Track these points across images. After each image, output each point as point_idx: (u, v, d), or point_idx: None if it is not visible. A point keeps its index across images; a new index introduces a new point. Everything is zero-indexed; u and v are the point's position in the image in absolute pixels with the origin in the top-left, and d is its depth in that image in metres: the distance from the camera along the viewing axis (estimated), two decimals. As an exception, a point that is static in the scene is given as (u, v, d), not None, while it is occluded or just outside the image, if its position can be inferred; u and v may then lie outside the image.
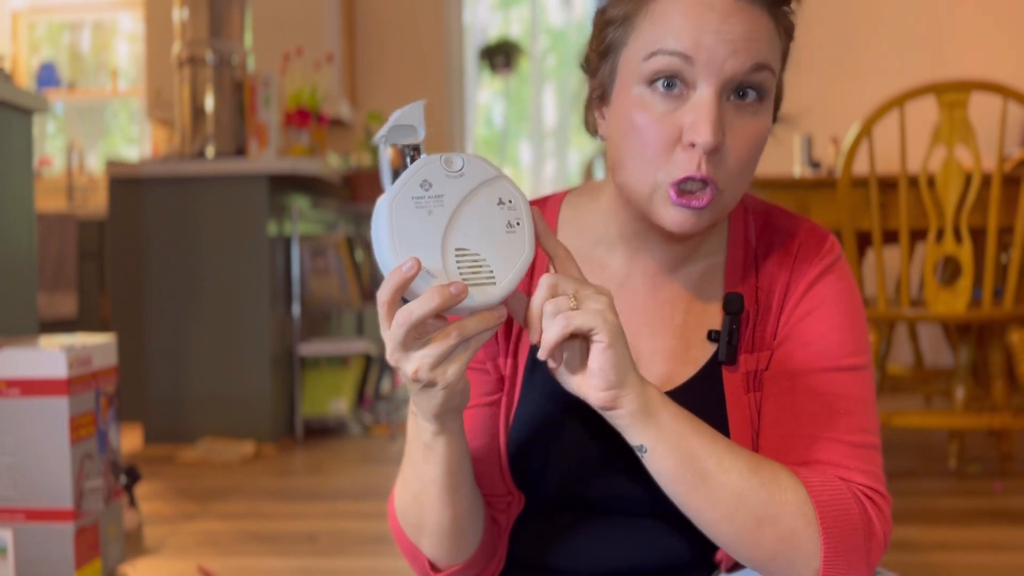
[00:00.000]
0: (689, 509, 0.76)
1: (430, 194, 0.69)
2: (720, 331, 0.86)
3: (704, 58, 0.75)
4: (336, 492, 2.72)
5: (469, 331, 0.68)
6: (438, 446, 0.77)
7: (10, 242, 2.32)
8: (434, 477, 0.80)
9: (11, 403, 1.77)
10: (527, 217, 0.71)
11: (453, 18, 5.29)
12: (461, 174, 0.71)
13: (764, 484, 0.75)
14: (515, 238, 0.71)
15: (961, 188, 2.33)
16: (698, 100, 0.76)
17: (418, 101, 0.73)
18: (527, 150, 5.73)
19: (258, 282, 3.38)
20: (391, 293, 0.67)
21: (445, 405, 0.73)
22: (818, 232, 0.89)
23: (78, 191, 5.08)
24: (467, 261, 0.69)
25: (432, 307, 0.66)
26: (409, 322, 0.66)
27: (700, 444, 0.74)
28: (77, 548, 1.79)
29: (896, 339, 4.60)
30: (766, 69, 0.77)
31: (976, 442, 3.17)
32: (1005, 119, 2.33)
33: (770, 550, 0.75)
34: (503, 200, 0.71)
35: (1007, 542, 2.13)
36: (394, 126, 0.73)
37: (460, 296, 0.66)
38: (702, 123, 0.75)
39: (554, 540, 0.89)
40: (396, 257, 0.68)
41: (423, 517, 0.83)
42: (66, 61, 5.59)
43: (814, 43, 4.83)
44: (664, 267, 0.89)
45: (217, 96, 3.46)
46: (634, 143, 0.79)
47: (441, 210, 0.69)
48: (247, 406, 3.36)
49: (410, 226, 0.69)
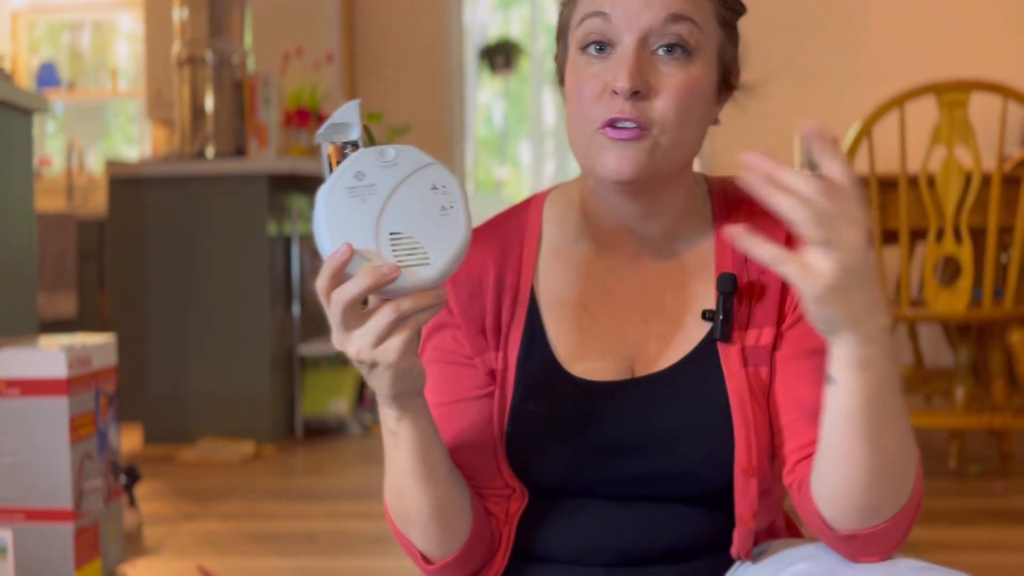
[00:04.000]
0: (867, 446, 0.75)
1: (363, 184, 0.74)
2: (714, 310, 0.88)
3: (620, 13, 0.81)
4: (336, 492, 2.72)
5: (405, 309, 0.71)
6: (403, 431, 0.80)
7: (10, 242, 2.32)
8: (406, 464, 0.82)
9: (11, 403, 1.77)
10: (461, 201, 0.74)
11: (453, 18, 5.29)
12: (394, 163, 0.74)
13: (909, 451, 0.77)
14: (449, 221, 0.74)
15: (961, 188, 2.33)
16: (619, 52, 0.82)
17: (354, 100, 0.78)
18: (527, 150, 5.73)
19: (258, 282, 3.38)
20: (327, 279, 0.71)
21: (395, 386, 0.75)
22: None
23: (78, 191, 5.08)
24: (402, 244, 0.73)
25: (364, 286, 0.70)
26: (343, 301, 0.70)
27: (895, 378, 0.75)
28: (77, 548, 1.79)
29: (896, 339, 4.60)
30: (684, 20, 0.81)
31: (976, 442, 3.17)
32: (1005, 119, 2.33)
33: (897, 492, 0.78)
34: (436, 185, 0.74)
35: (1007, 542, 2.13)
36: (331, 124, 0.77)
37: (392, 275, 0.70)
38: (620, 69, 0.80)
39: (558, 529, 0.90)
40: (331, 244, 0.72)
41: (406, 508, 0.85)
42: (66, 61, 5.59)
43: (814, 43, 4.83)
44: (646, 251, 0.91)
45: (217, 96, 3.46)
46: (573, 103, 0.85)
47: (374, 198, 0.73)
48: (247, 406, 3.36)
49: (344, 214, 0.73)
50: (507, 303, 0.91)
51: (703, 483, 0.86)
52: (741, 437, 0.84)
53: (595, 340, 0.90)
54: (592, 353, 0.89)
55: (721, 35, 0.86)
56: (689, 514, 0.88)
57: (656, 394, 0.87)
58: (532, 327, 0.90)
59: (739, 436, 0.85)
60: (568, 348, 0.89)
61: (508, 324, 0.91)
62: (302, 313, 3.63)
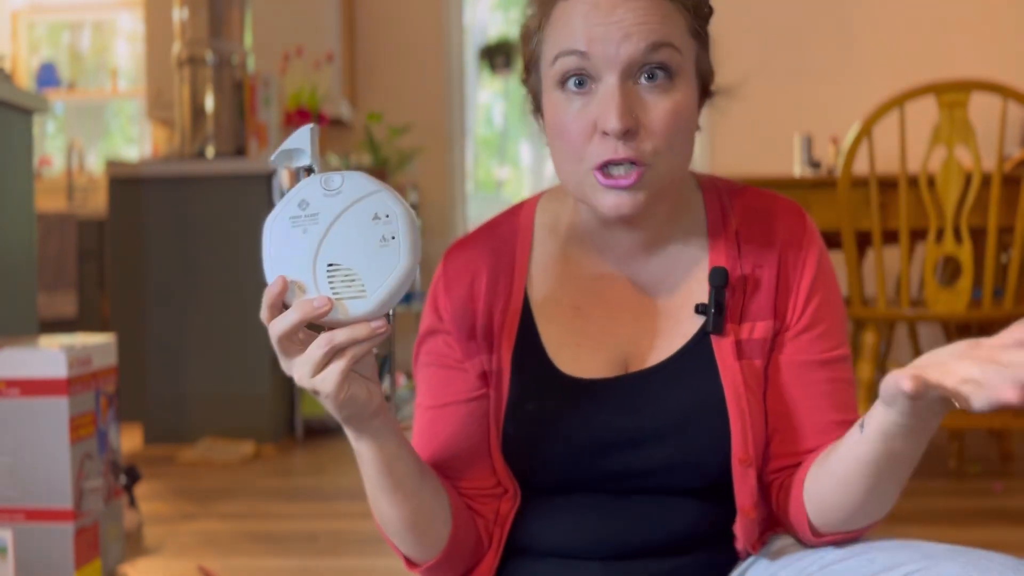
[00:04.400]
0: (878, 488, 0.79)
1: (306, 213, 0.74)
2: (706, 304, 0.89)
3: (599, 50, 0.79)
4: (336, 492, 2.72)
5: (338, 342, 0.72)
6: (363, 450, 0.82)
7: (10, 242, 2.32)
8: (372, 479, 0.85)
9: (11, 403, 1.77)
10: (405, 230, 0.73)
11: (453, 18, 5.29)
12: (338, 192, 0.74)
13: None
14: (389, 251, 0.73)
15: (961, 188, 2.33)
16: (603, 90, 0.80)
17: (307, 126, 0.78)
18: (527, 150, 5.73)
19: (258, 282, 3.37)
20: (265, 310, 0.73)
21: (340, 411, 0.77)
22: (793, 208, 0.93)
23: (78, 191, 5.08)
24: (339, 276, 0.73)
25: (295, 320, 0.71)
26: (278, 332, 0.72)
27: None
28: (77, 548, 1.79)
29: (896, 339, 4.60)
30: (665, 46, 0.80)
31: (976, 442, 3.17)
32: (1005, 119, 2.33)
33: (867, 518, 0.83)
34: (379, 215, 0.74)
35: (1007, 542, 2.13)
36: (284, 150, 0.77)
37: (323, 309, 0.71)
38: (608, 110, 0.78)
39: (556, 524, 0.91)
40: (270, 275, 0.74)
41: (381, 517, 0.89)
42: (66, 61, 5.59)
43: (814, 43, 4.83)
44: (637, 252, 0.91)
45: (217, 96, 3.46)
46: (559, 143, 0.83)
47: (315, 228, 0.73)
48: (247, 406, 3.36)
49: (285, 245, 0.74)
50: (499, 307, 0.92)
51: (699, 475, 0.87)
52: (737, 429, 0.85)
53: (588, 340, 0.91)
54: (585, 352, 0.90)
55: (696, 47, 0.85)
56: (685, 506, 0.89)
57: (649, 388, 0.88)
58: (526, 329, 0.91)
59: (735, 428, 0.85)
60: (561, 348, 0.90)
61: (501, 327, 0.92)
62: (302, 313, 3.63)
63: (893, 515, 0.83)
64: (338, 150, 4.83)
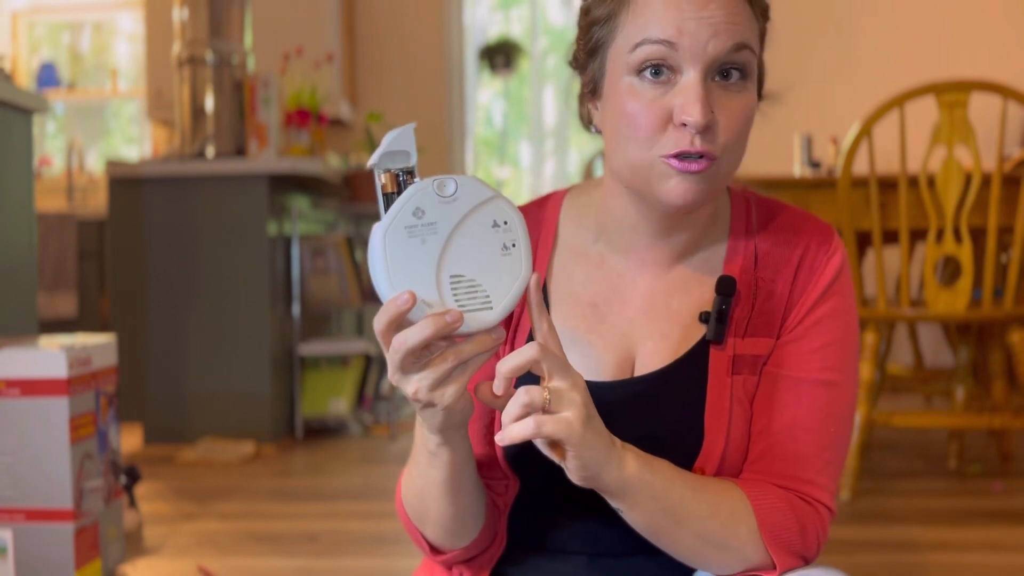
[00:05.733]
0: (659, 545, 0.83)
1: (423, 222, 0.71)
2: (710, 312, 0.88)
3: (687, 43, 0.79)
4: (336, 492, 2.72)
5: (466, 355, 0.71)
6: (442, 454, 0.82)
7: (10, 242, 2.32)
8: (438, 480, 0.84)
9: (11, 403, 1.77)
10: (523, 237, 0.72)
11: (453, 18, 5.29)
12: (454, 199, 0.71)
13: (723, 525, 0.82)
14: (510, 260, 0.72)
15: (961, 188, 2.33)
16: (685, 83, 0.80)
17: (408, 124, 0.74)
18: (527, 150, 5.73)
19: (258, 282, 3.38)
20: (386, 324, 0.70)
21: (446, 422, 0.77)
22: (823, 229, 0.92)
23: (78, 191, 5.08)
24: (463, 287, 0.71)
25: (426, 336, 0.69)
26: (404, 349, 0.69)
27: (671, 501, 0.80)
28: (77, 548, 1.79)
29: (896, 339, 4.60)
30: (746, 48, 0.81)
31: (976, 442, 3.17)
32: (1005, 119, 2.33)
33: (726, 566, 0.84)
34: (497, 222, 0.72)
35: (1007, 542, 2.13)
36: (386, 152, 0.73)
37: (455, 324, 0.69)
38: (691, 103, 0.78)
39: (552, 521, 0.92)
40: (391, 289, 0.70)
41: (427, 512, 0.88)
42: (66, 61, 5.59)
43: (814, 43, 4.83)
44: (663, 257, 0.91)
45: (217, 96, 3.46)
46: (628, 128, 0.82)
47: (435, 238, 0.71)
48: (247, 406, 3.36)
49: (404, 256, 0.70)
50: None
51: None
52: (709, 444, 0.85)
53: (600, 339, 0.91)
54: (596, 352, 0.90)
55: (760, 50, 0.86)
56: None
57: (644, 394, 0.88)
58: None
59: (707, 443, 0.85)
60: (573, 345, 0.90)
61: (519, 317, 0.92)
62: (302, 313, 3.63)
63: (893, 515, 0.83)
64: (338, 150, 4.83)
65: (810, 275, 0.89)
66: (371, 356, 3.74)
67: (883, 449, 3.11)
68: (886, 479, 2.71)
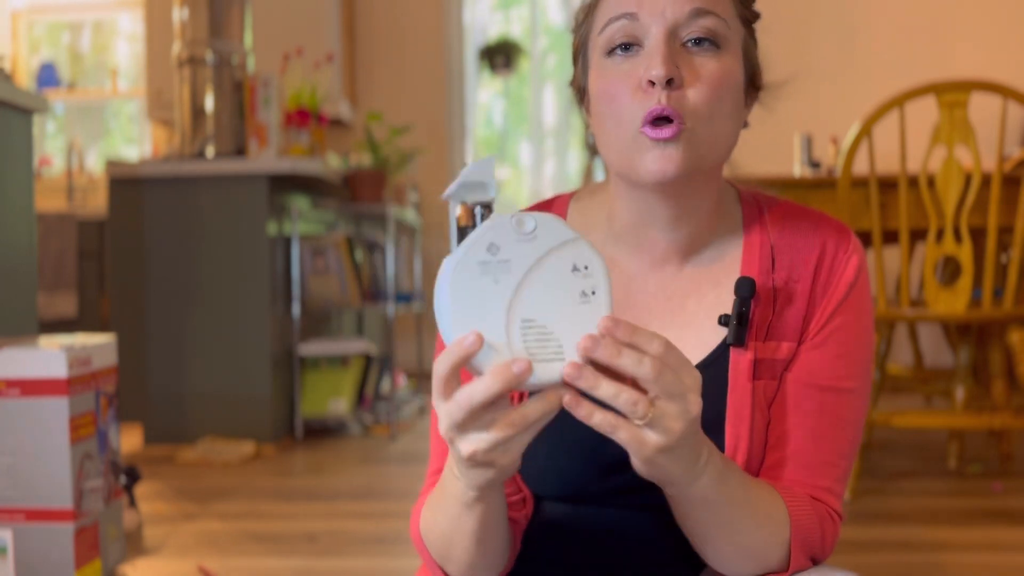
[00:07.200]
0: (696, 544, 0.81)
1: (497, 259, 0.65)
2: (729, 315, 0.86)
3: (647, 10, 0.81)
4: (336, 492, 2.72)
5: (531, 418, 0.65)
6: (477, 508, 0.77)
7: (10, 242, 2.32)
8: (468, 530, 0.79)
9: (11, 403, 1.77)
10: (605, 285, 0.66)
11: (453, 18, 5.29)
12: (533, 237, 0.66)
13: (764, 540, 0.80)
14: (588, 309, 0.66)
15: (961, 188, 2.33)
16: (649, 44, 0.81)
17: (489, 156, 0.70)
18: (527, 150, 5.73)
19: (258, 282, 3.38)
20: (450, 368, 0.64)
21: (494, 481, 0.71)
22: (840, 228, 0.90)
23: (78, 191, 5.08)
24: (533, 334, 0.65)
25: (494, 392, 0.63)
26: (471, 406, 0.63)
27: (725, 518, 0.77)
28: (77, 548, 1.79)
29: (896, 339, 4.60)
30: (710, 14, 0.81)
31: (976, 442, 3.17)
32: (1005, 119, 2.33)
33: (745, 570, 0.82)
34: (577, 267, 0.66)
35: (1007, 542, 2.13)
36: (463, 183, 0.69)
37: (523, 376, 0.63)
38: (653, 59, 0.79)
39: (558, 534, 0.90)
40: (457, 329, 0.64)
41: (451, 553, 0.83)
42: (66, 61, 5.59)
43: (814, 43, 4.83)
44: (672, 256, 0.90)
45: (217, 96, 3.46)
46: (606, 106, 0.83)
47: (508, 277, 0.65)
48: (247, 406, 3.36)
49: (474, 294, 0.64)
50: None
51: None
52: (730, 451, 0.84)
53: None
54: None
55: (744, 33, 0.86)
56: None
57: None
58: None
59: (727, 450, 0.84)
60: None
61: None
62: (302, 313, 3.63)
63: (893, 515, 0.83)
64: (338, 150, 4.83)
65: (830, 276, 0.87)
66: (371, 356, 3.74)
67: (883, 449, 3.11)
68: (886, 479, 2.71)
